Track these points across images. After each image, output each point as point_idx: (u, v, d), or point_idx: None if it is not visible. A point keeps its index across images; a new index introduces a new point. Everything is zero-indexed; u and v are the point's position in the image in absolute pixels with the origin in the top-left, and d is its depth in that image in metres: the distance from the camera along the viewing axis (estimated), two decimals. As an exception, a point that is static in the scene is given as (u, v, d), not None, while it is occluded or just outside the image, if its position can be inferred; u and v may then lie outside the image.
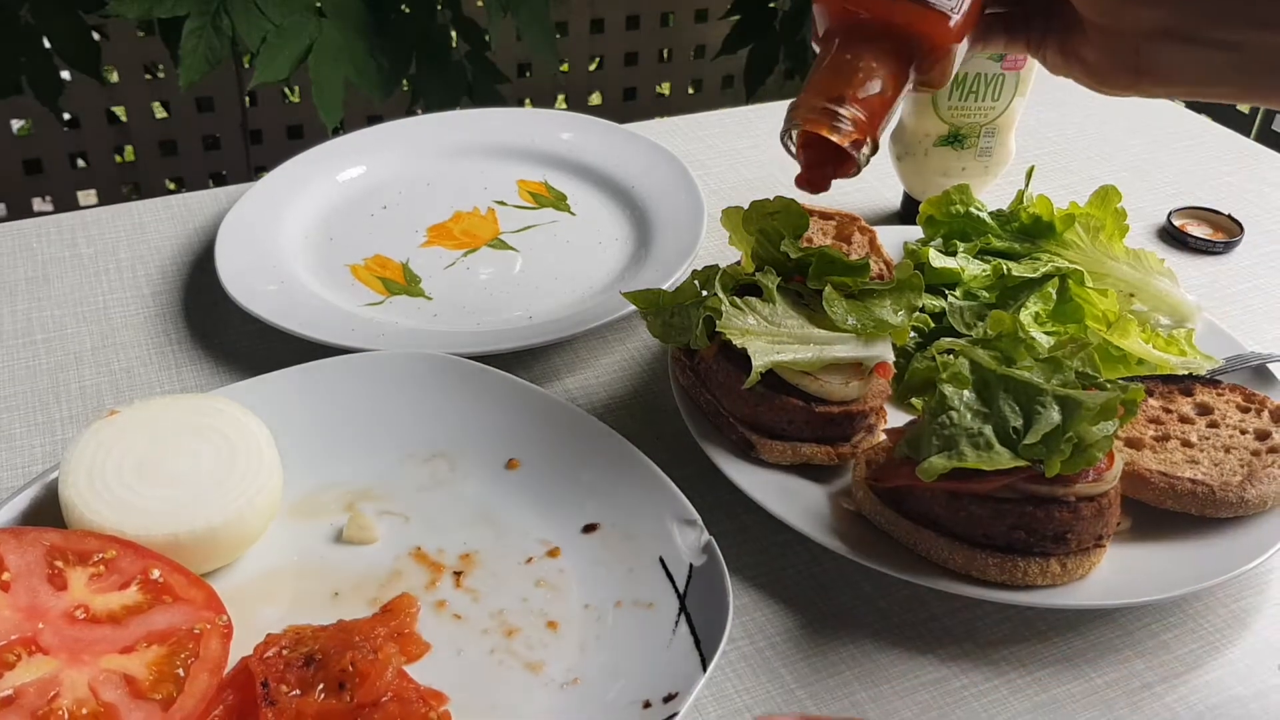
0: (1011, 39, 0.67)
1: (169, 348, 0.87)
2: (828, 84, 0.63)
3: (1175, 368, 0.79)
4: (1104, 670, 0.65)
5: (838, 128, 0.62)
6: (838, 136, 0.62)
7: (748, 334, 0.68)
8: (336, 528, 0.68)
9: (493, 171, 1.06)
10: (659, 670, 0.59)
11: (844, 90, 0.62)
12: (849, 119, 0.62)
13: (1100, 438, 0.61)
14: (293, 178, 1.02)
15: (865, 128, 0.62)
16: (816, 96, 0.63)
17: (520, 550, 0.67)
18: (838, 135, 0.62)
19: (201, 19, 1.48)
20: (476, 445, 0.73)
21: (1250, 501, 0.67)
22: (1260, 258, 1.02)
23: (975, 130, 0.95)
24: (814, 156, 0.66)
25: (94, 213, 1.02)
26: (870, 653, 0.65)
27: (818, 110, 0.62)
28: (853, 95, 0.62)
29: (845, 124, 0.62)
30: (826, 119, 0.62)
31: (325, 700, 0.56)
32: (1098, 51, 0.62)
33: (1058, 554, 0.64)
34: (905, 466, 0.65)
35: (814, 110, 0.62)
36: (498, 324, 0.88)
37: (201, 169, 2.25)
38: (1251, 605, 0.69)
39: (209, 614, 0.59)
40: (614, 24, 2.44)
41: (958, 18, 0.62)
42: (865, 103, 0.62)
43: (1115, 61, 0.61)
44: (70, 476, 0.63)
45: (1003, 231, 0.87)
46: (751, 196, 1.07)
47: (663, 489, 0.68)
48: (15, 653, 0.55)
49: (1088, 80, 0.64)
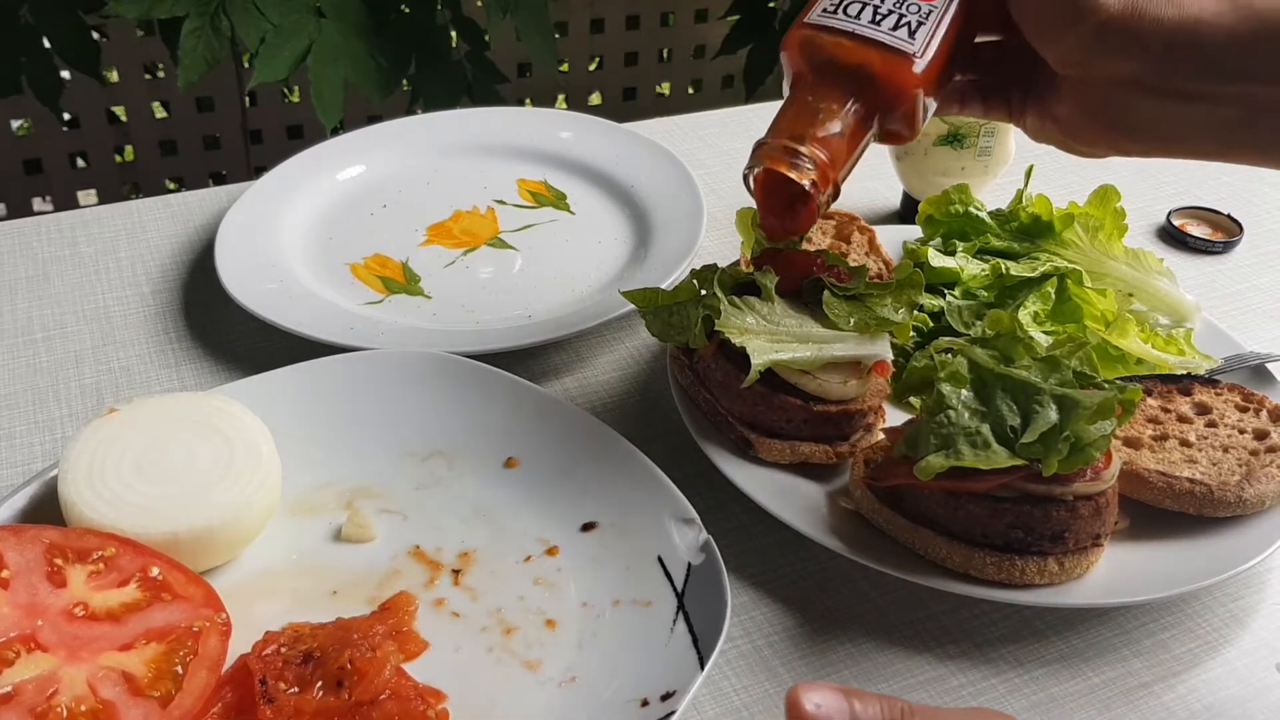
0: (989, 107, 0.68)
1: (168, 346, 0.87)
2: (789, 124, 0.63)
3: (1174, 367, 0.80)
4: (1102, 669, 0.65)
5: (797, 165, 0.62)
6: (796, 174, 0.62)
7: (746, 333, 0.69)
8: (335, 526, 0.68)
9: (492, 171, 1.06)
10: (657, 669, 0.59)
11: (805, 130, 0.63)
12: (808, 158, 0.62)
13: (1097, 437, 0.61)
14: (292, 177, 1.02)
15: (825, 168, 0.63)
16: (778, 136, 0.63)
17: (518, 549, 0.67)
18: (796, 173, 0.62)
19: (200, 19, 1.48)
20: (475, 444, 0.73)
21: (1248, 501, 0.67)
22: (1260, 258, 1.02)
23: (975, 130, 0.95)
24: (775, 199, 0.67)
25: (94, 212, 1.02)
26: (868, 651, 0.65)
27: (779, 149, 0.63)
28: (813, 135, 0.63)
29: (804, 162, 0.62)
30: (786, 157, 0.63)
31: (323, 698, 0.56)
32: (1070, 107, 0.62)
33: (1056, 553, 0.64)
34: (903, 465, 0.65)
35: (775, 149, 0.63)
36: (497, 323, 0.88)
37: (201, 169, 2.25)
38: (1249, 605, 0.69)
39: (208, 611, 0.59)
40: (614, 24, 2.44)
41: (921, 63, 0.62)
42: (825, 143, 0.63)
43: (1087, 116, 0.62)
44: (70, 474, 0.63)
45: (1002, 231, 0.88)
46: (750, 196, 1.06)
47: (661, 488, 0.68)
48: (14, 650, 0.55)
49: (1063, 139, 0.65)
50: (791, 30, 0.66)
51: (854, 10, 0.63)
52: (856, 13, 0.63)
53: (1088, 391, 0.62)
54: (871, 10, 0.63)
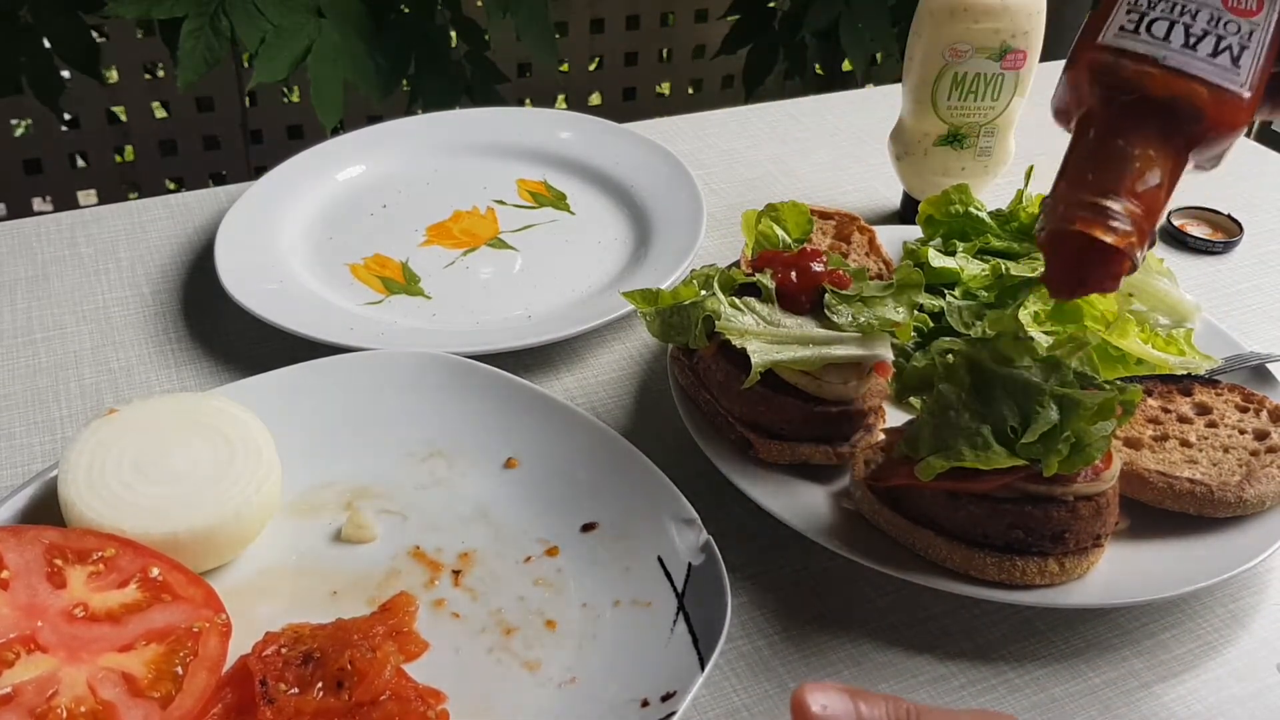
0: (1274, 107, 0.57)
1: (168, 347, 0.87)
2: (1095, 173, 0.54)
3: (1174, 367, 0.79)
4: (1102, 669, 0.65)
5: (1114, 229, 0.53)
6: (1113, 238, 0.54)
7: (747, 334, 0.69)
8: (335, 526, 0.68)
9: (492, 171, 1.06)
10: (657, 669, 0.59)
11: (1118, 184, 0.53)
12: (1125, 216, 0.53)
13: (1098, 437, 0.61)
14: (292, 177, 1.02)
15: (1141, 222, 0.54)
16: (1084, 190, 0.54)
17: (519, 549, 0.67)
18: (1113, 236, 0.54)
19: (200, 19, 1.48)
20: (475, 444, 0.73)
21: (1248, 501, 0.67)
22: (1260, 258, 1.02)
23: (975, 130, 0.95)
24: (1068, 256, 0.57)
25: (94, 212, 1.02)
26: (868, 652, 0.65)
27: (1087, 206, 0.54)
28: (1129, 189, 0.53)
29: (1122, 223, 0.53)
30: (1100, 218, 0.54)
31: (323, 699, 0.56)
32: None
33: (1056, 553, 0.64)
34: (904, 466, 0.65)
35: (1083, 207, 0.54)
36: (497, 323, 0.88)
37: (201, 169, 2.25)
38: (1249, 605, 0.69)
39: (208, 612, 0.59)
40: (614, 24, 2.44)
41: (1249, 95, 0.53)
42: (1143, 197, 0.53)
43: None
44: (69, 475, 0.63)
45: (1002, 231, 0.88)
46: (750, 196, 1.07)
47: (661, 488, 0.68)
48: (14, 651, 0.55)
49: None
50: (1081, 50, 0.56)
51: (1161, 30, 0.53)
52: (1165, 32, 0.53)
53: (1088, 392, 0.62)
54: (1183, 31, 0.53)
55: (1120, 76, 0.54)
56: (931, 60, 0.92)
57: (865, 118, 1.23)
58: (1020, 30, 0.90)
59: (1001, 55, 0.91)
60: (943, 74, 0.92)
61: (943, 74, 0.92)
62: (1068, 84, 0.57)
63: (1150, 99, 0.54)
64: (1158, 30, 0.53)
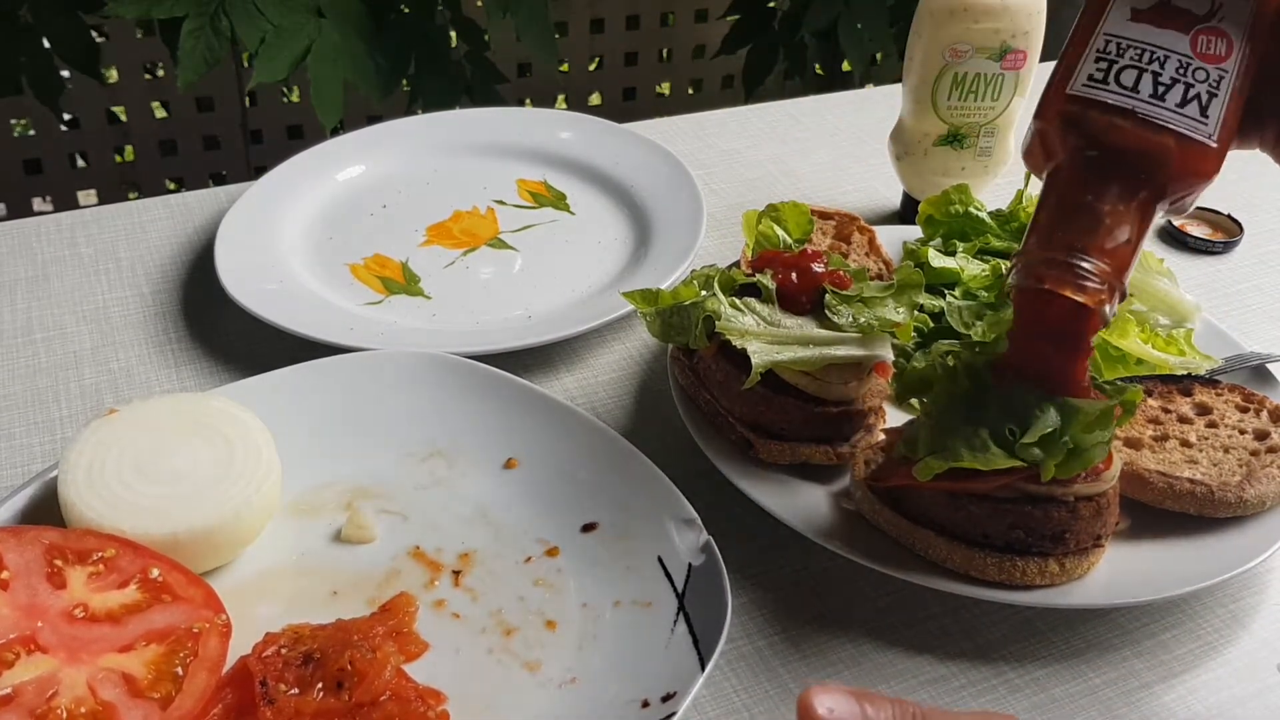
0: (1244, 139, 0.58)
1: (168, 347, 0.87)
2: (1068, 234, 0.54)
3: (1174, 368, 0.79)
4: (1102, 670, 0.65)
5: (1084, 287, 0.53)
6: (1084, 297, 0.53)
7: (747, 334, 0.69)
8: (335, 527, 0.68)
9: (492, 171, 1.06)
10: (657, 670, 0.59)
11: (1088, 242, 0.53)
12: (1095, 275, 0.53)
13: (1096, 444, 0.60)
14: (292, 177, 1.02)
15: (1111, 279, 0.54)
16: (1054, 249, 0.54)
17: (519, 549, 0.67)
18: (1084, 295, 0.53)
19: (200, 19, 1.48)
20: (475, 444, 0.73)
21: (1249, 501, 0.67)
22: (1260, 258, 1.02)
23: (975, 130, 0.95)
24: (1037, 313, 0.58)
25: (94, 212, 1.02)
26: (869, 652, 0.65)
27: (1057, 265, 0.54)
28: (1099, 247, 0.53)
29: (1093, 281, 0.53)
30: (1070, 276, 0.53)
31: (324, 699, 0.56)
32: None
33: (1056, 554, 0.64)
34: (904, 466, 0.65)
35: (1053, 265, 0.54)
36: (497, 323, 0.88)
37: (201, 169, 2.25)
38: (1250, 605, 0.69)
39: (208, 613, 0.59)
40: (614, 24, 2.44)
41: (1216, 145, 0.53)
42: (1113, 254, 0.53)
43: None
44: (69, 475, 0.63)
45: (1002, 231, 0.88)
46: (750, 196, 1.07)
47: (661, 488, 0.67)
48: (14, 651, 0.55)
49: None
50: (1049, 101, 0.55)
51: (1129, 79, 0.52)
52: (1133, 82, 0.52)
53: (1087, 400, 0.62)
54: (1151, 80, 0.52)
55: (1090, 130, 0.53)
56: (931, 60, 0.92)
57: (865, 118, 1.23)
58: (1020, 30, 0.90)
59: (1001, 55, 0.91)
60: (943, 74, 0.92)
61: (943, 74, 0.92)
62: (1036, 133, 0.56)
63: (1120, 151, 0.53)
64: (1126, 79, 0.52)
